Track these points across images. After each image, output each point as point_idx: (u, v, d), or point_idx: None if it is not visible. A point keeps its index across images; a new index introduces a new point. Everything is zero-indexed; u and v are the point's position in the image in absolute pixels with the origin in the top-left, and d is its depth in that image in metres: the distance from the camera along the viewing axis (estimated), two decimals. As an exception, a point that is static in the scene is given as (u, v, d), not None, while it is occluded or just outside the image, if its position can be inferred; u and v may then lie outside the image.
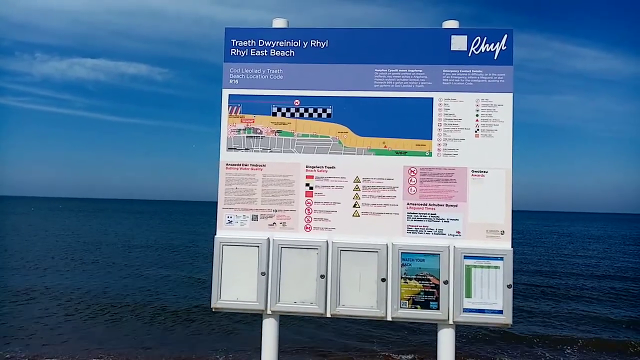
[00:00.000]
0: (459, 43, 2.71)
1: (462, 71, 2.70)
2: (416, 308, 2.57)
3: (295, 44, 2.85)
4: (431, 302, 2.55)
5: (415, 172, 2.69)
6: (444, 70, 2.71)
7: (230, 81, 2.89)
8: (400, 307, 2.57)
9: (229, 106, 2.89)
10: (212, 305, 2.80)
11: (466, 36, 2.71)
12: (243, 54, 2.89)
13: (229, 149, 2.87)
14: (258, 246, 2.74)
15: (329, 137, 2.78)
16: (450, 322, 2.57)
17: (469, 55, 2.70)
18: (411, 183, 2.69)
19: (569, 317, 11.54)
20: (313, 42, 2.83)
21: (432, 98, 2.71)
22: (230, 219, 2.85)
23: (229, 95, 2.89)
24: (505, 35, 2.69)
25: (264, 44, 2.87)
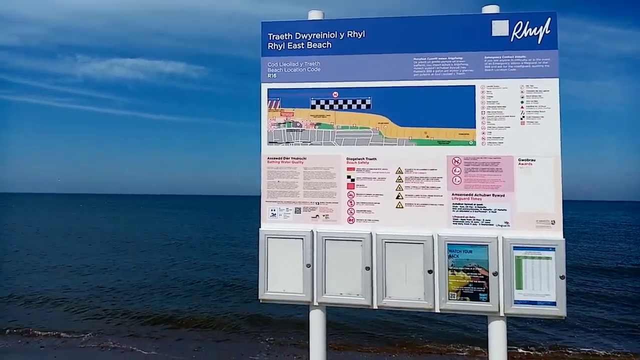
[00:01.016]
0: (500, 28, 2.64)
1: (505, 57, 2.63)
2: (465, 300, 2.55)
3: (332, 35, 2.82)
4: (480, 294, 2.53)
5: (459, 161, 2.65)
6: (485, 57, 2.65)
7: (269, 75, 2.90)
8: (449, 299, 2.57)
9: (268, 100, 2.90)
10: (260, 297, 2.86)
11: (507, 21, 2.63)
12: (280, 47, 2.89)
13: (269, 142, 2.89)
14: (302, 238, 2.78)
15: (369, 128, 2.77)
16: (501, 314, 2.55)
17: (511, 40, 2.62)
18: (455, 173, 2.66)
19: None
20: (350, 33, 2.80)
21: (474, 86, 2.65)
22: (274, 212, 2.88)
23: (268, 89, 2.90)
24: (549, 19, 2.60)
25: (301, 37, 2.86)
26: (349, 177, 2.77)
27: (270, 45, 2.89)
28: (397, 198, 2.71)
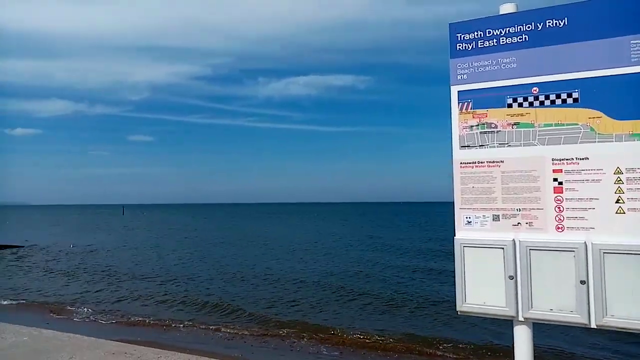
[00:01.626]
0: None
1: None
2: None
3: (529, 27, 2.60)
4: None
5: (698, 157, 2.21)
6: None
7: (458, 77, 2.79)
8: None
9: (458, 103, 2.79)
10: (458, 309, 2.73)
11: None
12: (470, 47, 2.76)
13: (462, 146, 2.77)
14: (503, 248, 2.58)
15: (577, 124, 2.47)
16: None
17: None
18: (694, 170, 2.22)
19: None
20: (549, 23, 2.55)
21: None
22: (469, 220, 2.74)
23: (458, 91, 2.79)
24: None
25: (493, 33, 2.69)
26: (555, 180, 2.51)
27: (459, 45, 2.78)
28: (617, 202, 2.36)
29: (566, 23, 2.51)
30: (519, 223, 2.59)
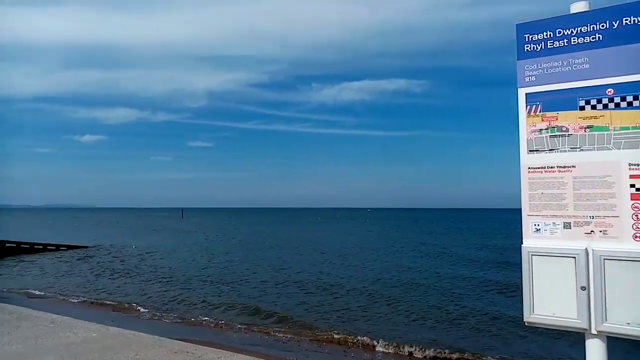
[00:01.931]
0: None
1: None
2: None
3: (603, 26, 2.48)
4: None
5: None
6: None
7: (526, 79, 2.70)
8: None
9: (526, 106, 2.70)
10: (525, 319, 2.63)
11: None
12: (539, 47, 2.66)
13: (530, 151, 2.67)
14: (574, 257, 2.47)
15: (657, 127, 2.33)
16: None
17: None
18: None
19: None
20: (626, 20, 2.43)
21: None
22: (538, 227, 2.64)
23: (526, 94, 2.70)
24: None
25: (563, 33, 2.59)
26: (633, 186, 2.37)
27: (527, 46, 2.69)
28: None
29: (645, 20, 2.38)
30: (592, 231, 2.47)
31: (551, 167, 2.60)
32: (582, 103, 2.53)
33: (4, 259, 21.99)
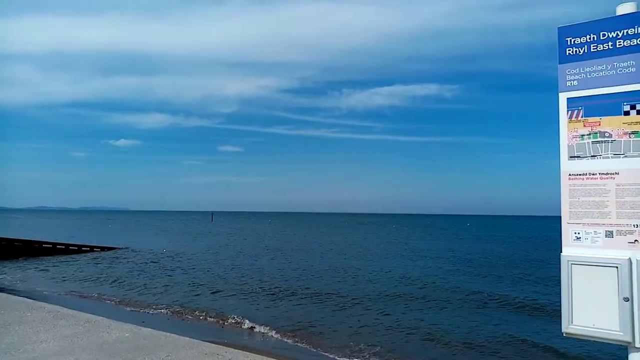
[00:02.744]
0: None
1: None
2: None
3: (651, 28, 2.40)
4: None
5: None
6: None
7: (568, 83, 2.63)
8: None
9: (567, 111, 2.63)
10: (564, 330, 2.56)
11: None
12: (581, 51, 2.60)
13: (570, 157, 2.61)
14: (617, 267, 2.39)
15: None
16: None
17: None
18: None
19: None
20: (675, 22, 2.34)
21: None
22: (579, 236, 2.56)
23: (567, 98, 2.63)
24: None
25: (608, 36, 2.52)
26: (680, 194, 2.28)
27: (569, 50, 2.63)
28: None
29: (695, 22, 2.30)
30: (635, 240, 2.39)
31: (593, 174, 2.53)
32: (627, 108, 2.45)
33: (41, 259, 22.66)
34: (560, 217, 2.64)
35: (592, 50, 2.56)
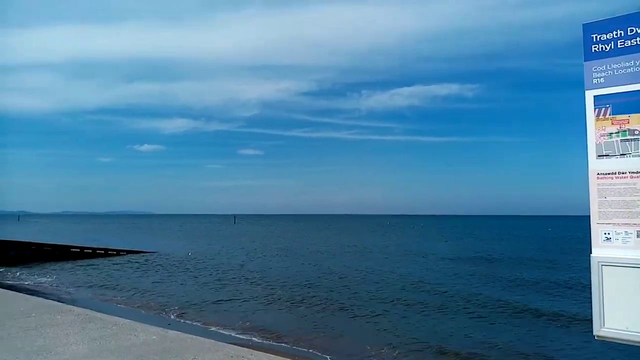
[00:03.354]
0: None
1: None
2: None
3: (680, 22, 2.34)
4: None
5: None
6: None
7: (595, 81, 2.58)
8: None
9: (594, 109, 2.58)
10: (595, 333, 2.51)
11: None
12: (608, 47, 2.54)
13: (599, 156, 2.55)
14: (650, 268, 2.33)
15: None
16: None
17: None
18: None
19: None
20: None
21: None
22: (609, 236, 2.51)
23: (594, 96, 2.58)
24: None
25: (636, 31, 2.46)
26: None
27: (595, 47, 2.58)
28: None
29: None
30: (669, 240, 2.33)
31: (623, 173, 2.47)
32: (657, 105, 2.39)
33: (69, 263, 23.14)
34: (589, 216, 2.59)
35: (619, 46, 2.50)
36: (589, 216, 2.59)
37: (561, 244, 38.89)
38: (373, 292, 14.82)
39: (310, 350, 8.42)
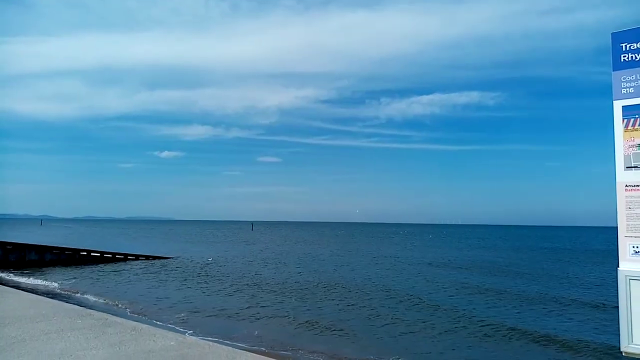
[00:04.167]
0: None
1: None
2: None
3: None
4: None
5: None
6: None
7: (623, 91, 2.53)
8: None
9: (623, 119, 2.52)
10: (623, 349, 2.44)
11: None
12: (637, 57, 2.49)
13: (627, 167, 2.50)
14: (681, 283, 2.26)
15: None
16: None
17: None
18: None
19: None
20: None
21: None
22: (637, 250, 2.44)
23: (623, 106, 2.53)
24: None
25: (666, 40, 2.40)
26: None
27: (624, 56, 2.53)
28: None
29: None
30: (701, 255, 2.25)
31: (652, 185, 2.41)
32: (687, 116, 2.33)
33: (90, 266, 23.45)
34: (617, 228, 2.52)
35: (649, 55, 2.45)
36: (616, 227, 2.53)
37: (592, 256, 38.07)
38: (401, 311, 14.69)
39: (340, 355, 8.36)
